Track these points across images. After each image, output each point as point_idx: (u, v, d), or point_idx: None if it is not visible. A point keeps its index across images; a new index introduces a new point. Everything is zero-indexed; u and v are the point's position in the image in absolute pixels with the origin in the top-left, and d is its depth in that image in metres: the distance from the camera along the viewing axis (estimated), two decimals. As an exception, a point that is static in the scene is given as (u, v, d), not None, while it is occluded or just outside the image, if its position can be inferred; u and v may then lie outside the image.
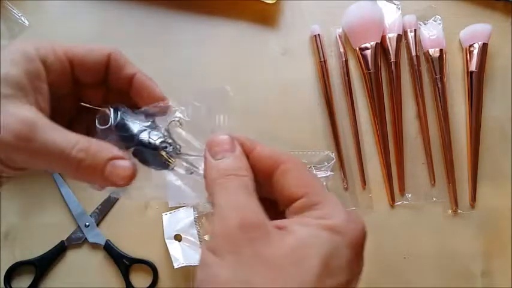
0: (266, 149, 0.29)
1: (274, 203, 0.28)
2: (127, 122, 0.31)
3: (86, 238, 0.53)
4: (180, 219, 0.53)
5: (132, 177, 0.28)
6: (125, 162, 0.28)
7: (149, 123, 0.31)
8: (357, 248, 0.25)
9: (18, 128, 0.26)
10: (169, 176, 0.53)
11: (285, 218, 0.27)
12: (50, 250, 0.52)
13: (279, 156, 0.28)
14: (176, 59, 0.59)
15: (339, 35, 0.60)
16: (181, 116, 0.32)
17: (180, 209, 0.53)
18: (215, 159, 0.28)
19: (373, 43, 0.58)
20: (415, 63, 0.60)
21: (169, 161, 0.30)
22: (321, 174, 0.54)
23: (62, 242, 0.53)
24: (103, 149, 0.28)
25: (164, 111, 0.32)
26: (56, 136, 0.27)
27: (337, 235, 0.24)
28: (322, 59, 0.59)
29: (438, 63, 0.59)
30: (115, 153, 0.28)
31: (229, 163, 0.27)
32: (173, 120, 0.31)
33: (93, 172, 0.27)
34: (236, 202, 0.25)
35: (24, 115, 0.26)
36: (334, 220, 0.25)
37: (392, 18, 0.60)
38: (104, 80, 0.32)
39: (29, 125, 0.26)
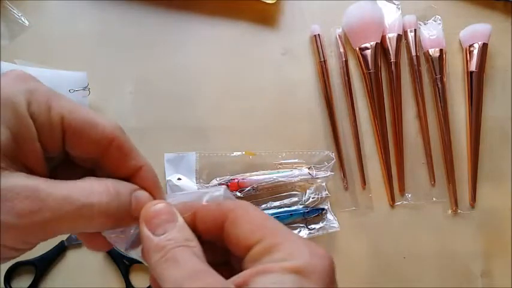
0: (210, 205, 0.26)
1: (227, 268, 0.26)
2: None
3: (86, 238, 0.53)
4: (180, 219, 0.53)
5: None
6: (144, 193, 0.26)
7: None
8: (327, 283, 0.22)
9: (19, 205, 0.21)
10: (170, 176, 0.53)
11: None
12: (50, 250, 0.52)
13: (225, 205, 0.26)
14: (176, 59, 0.59)
15: (339, 35, 0.60)
16: None
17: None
18: (156, 235, 0.24)
19: (373, 43, 0.58)
20: (415, 63, 0.60)
21: None
22: (320, 174, 0.54)
23: (62, 242, 0.53)
24: (120, 183, 0.25)
25: None
26: (66, 190, 0.22)
27: (303, 276, 0.22)
28: (322, 59, 0.59)
29: (438, 63, 0.59)
30: (133, 185, 0.25)
31: (175, 236, 0.24)
32: None
33: (122, 212, 0.25)
34: (193, 271, 0.22)
35: (20, 185, 0.21)
36: (298, 260, 0.22)
37: (392, 18, 0.60)
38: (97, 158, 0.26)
39: (30, 195, 0.21)
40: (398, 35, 0.60)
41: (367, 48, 0.59)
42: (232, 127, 0.57)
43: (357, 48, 0.59)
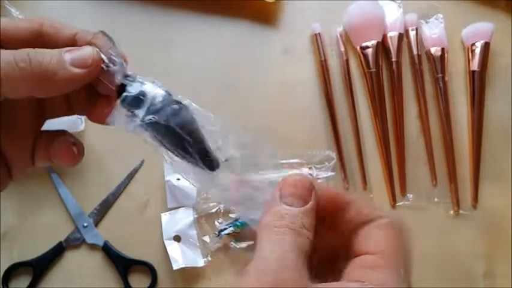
0: (332, 189, 0.27)
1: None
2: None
3: (84, 239, 0.53)
4: (179, 220, 0.52)
5: (98, 59, 0.27)
6: (81, 48, 0.26)
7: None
8: None
9: None
10: (169, 176, 0.52)
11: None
12: (48, 251, 0.52)
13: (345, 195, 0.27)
14: (177, 59, 0.59)
15: (340, 34, 0.60)
16: None
17: (179, 209, 0.53)
18: (282, 201, 0.25)
19: (374, 42, 0.58)
20: (417, 62, 0.59)
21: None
22: (321, 174, 0.54)
23: (60, 242, 0.52)
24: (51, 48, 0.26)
25: None
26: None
27: None
28: (323, 58, 0.59)
29: (440, 62, 0.59)
30: (67, 47, 0.26)
31: (296, 217, 0.24)
32: None
33: (54, 72, 0.25)
34: (283, 261, 0.22)
35: None
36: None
37: (393, 17, 0.60)
38: None
39: None
40: (400, 33, 0.59)
41: (368, 47, 0.58)
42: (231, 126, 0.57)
43: (358, 47, 0.59)
